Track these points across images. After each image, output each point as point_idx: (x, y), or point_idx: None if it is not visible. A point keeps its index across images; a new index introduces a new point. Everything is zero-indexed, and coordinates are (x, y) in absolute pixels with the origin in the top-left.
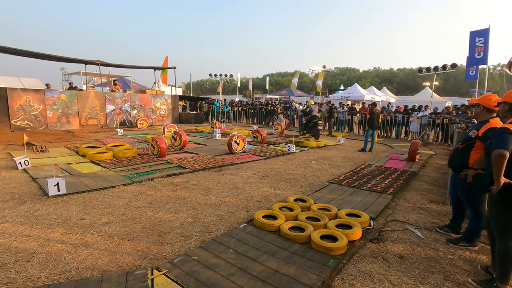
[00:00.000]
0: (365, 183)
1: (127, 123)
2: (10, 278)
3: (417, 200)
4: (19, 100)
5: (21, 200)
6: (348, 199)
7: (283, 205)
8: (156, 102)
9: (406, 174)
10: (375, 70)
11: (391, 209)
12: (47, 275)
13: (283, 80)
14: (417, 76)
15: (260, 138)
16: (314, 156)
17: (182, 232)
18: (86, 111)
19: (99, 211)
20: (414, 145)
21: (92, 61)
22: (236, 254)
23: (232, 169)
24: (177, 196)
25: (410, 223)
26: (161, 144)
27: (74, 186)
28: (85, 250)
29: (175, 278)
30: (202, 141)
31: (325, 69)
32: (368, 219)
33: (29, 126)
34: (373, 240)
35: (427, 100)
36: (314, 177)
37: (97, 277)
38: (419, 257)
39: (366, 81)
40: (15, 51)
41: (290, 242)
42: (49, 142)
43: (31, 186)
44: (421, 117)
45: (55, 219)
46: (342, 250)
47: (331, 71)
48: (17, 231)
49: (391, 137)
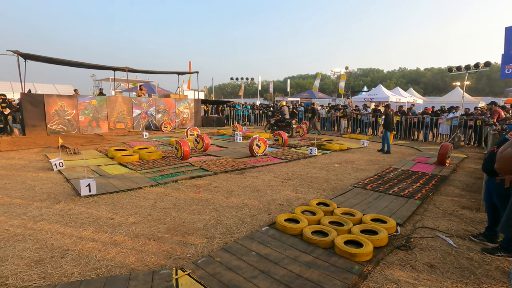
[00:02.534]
0: (391, 188)
1: (152, 126)
2: (46, 273)
3: (448, 206)
4: (54, 105)
5: (56, 200)
6: (373, 204)
7: (305, 209)
8: (180, 106)
9: (436, 179)
10: (400, 71)
11: (420, 215)
12: (80, 271)
13: (304, 83)
14: (447, 75)
15: (281, 141)
16: (336, 159)
17: (205, 234)
18: (114, 115)
19: (127, 211)
20: (444, 148)
21: (120, 68)
22: (258, 257)
23: (254, 172)
24: (200, 198)
25: (441, 230)
26: (185, 147)
27: (104, 187)
28: (114, 249)
29: (198, 279)
30: (224, 144)
31: (347, 70)
32: (395, 225)
33: (63, 130)
34: (400, 247)
35: (457, 100)
36: (337, 181)
37: (125, 275)
38: (451, 266)
39: (391, 82)
40: (51, 60)
41: (313, 246)
42: (81, 145)
43: (65, 186)
44: (451, 119)
45: (86, 218)
46: (368, 257)
47: (354, 72)
48: (53, 229)
49: (418, 139)
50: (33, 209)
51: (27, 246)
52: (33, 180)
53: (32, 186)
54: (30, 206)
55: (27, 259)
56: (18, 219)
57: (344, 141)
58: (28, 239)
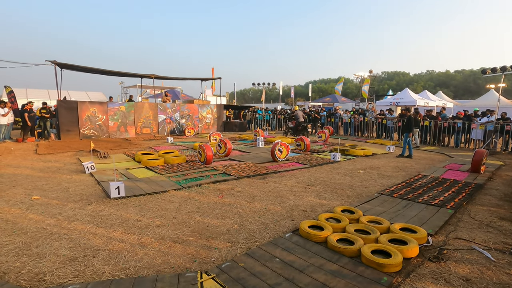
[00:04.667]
0: (420, 196)
1: (177, 131)
2: (80, 271)
3: (485, 216)
4: (86, 111)
5: (88, 201)
6: (401, 212)
7: (330, 216)
8: (203, 111)
9: (470, 187)
10: (428, 73)
11: (453, 225)
12: (110, 271)
13: (326, 87)
14: (479, 78)
15: (303, 146)
16: (361, 165)
17: (228, 238)
18: (141, 120)
19: (153, 214)
20: (479, 155)
21: (147, 75)
22: (282, 263)
23: (276, 177)
24: (223, 202)
25: (477, 242)
26: (208, 151)
27: (132, 190)
28: (142, 250)
29: (223, 283)
30: (246, 149)
31: (371, 74)
32: (426, 235)
33: (94, 135)
34: (432, 259)
35: (491, 104)
36: (362, 187)
37: (153, 276)
38: (490, 281)
39: (418, 85)
40: (84, 68)
41: (338, 255)
42: (110, 149)
43: (96, 188)
44: (486, 123)
45: (115, 220)
46: (397, 268)
47: (378, 76)
48: (85, 229)
49: (449, 145)
50: (67, 210)
51: (62, 244)
52: (67, 182)
53: (66, 187)
54: (65, 207)
55: (62, 257)
56: (54, 219)
57: (369, 146)
58: (63, 238)
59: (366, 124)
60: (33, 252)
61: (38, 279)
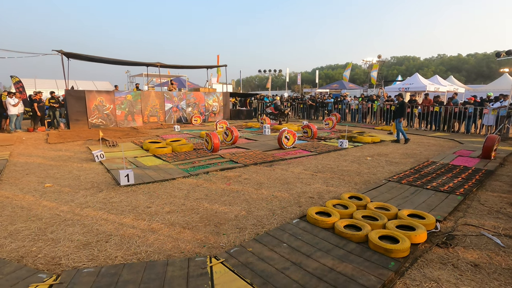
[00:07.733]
0: (429, 182)
1: (183, 119)
2: (93, 255)
3: (495, 202)
4: (94, 101)
5: (99, 189)
6: (409, 199)
7: (337, 202)
8: (209, 99)
9: (480, 173)
10: (439, 57)
11: (462, 212)
12: (122, 255)
13: (334, 73)
14: (493, 61)
15: (310, 133)
16: (368, 152)
17: (236, 224)
18: (148, 109)
19: (162, 201)
20: (490, 141)
21: (152, 63)
22: (290, 249)
23: (283, 164)
24: (230, 189)
25: (486, 228)
26: (215, 139)
27: (141, 177)
28: (152, 236)
29: (232, 268)
30: (253, 137)
31: (380, 59)
32: (434, 221)
33: (102, 124)
34: (440, 245)
35: (505, 88)
36: (369, 174)
37: (163, 261)
38: (499, 267)
39: (428, 70)
40: (90, 58)
41: (345, 240)
42: (118, 137)
43: (106, 176)
44: (498, 109)
45: (126, 206)
46: (404, 253)
47: (387, 61)
48: (97, 215)
49: (459, 131)
50: (79, 197)
51: (76, 230)
52: (78, 170)
53: (77, 175)
54: (77, 194)
55: (76, 242)
56: (67, 206)
57: (377, 133)
58: (77, 224)
59: (375, 111)
60: (48, 238)
61: (54, 263)
